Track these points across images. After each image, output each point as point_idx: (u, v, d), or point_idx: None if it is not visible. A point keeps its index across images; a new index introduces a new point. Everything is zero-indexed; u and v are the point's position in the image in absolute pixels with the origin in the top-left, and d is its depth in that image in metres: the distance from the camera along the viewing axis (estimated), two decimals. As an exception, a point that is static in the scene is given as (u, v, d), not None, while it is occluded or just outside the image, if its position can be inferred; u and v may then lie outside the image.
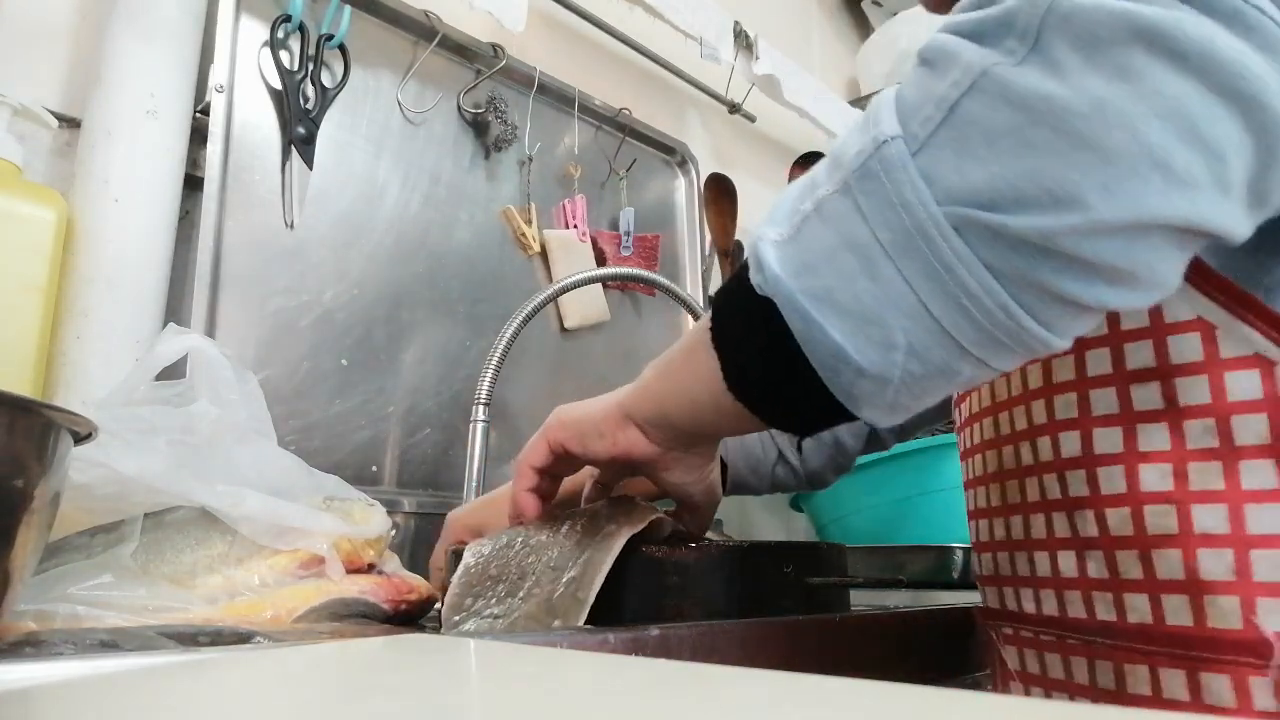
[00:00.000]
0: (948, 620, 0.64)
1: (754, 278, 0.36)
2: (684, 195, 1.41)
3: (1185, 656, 0.38)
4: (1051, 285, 0.30)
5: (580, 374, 1.18)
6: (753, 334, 0.38)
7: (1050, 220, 0.29)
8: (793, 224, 0.35)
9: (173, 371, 0.60)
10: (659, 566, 0.53)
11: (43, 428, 0.34)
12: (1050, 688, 0.46)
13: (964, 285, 0.31)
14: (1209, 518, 0.37)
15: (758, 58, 1.43)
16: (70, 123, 0.79)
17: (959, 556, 0.89)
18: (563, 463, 0.55)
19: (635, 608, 0.52)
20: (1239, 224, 0.30)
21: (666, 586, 0.53)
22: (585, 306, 1.19)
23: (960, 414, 0.56)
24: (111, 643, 0.38)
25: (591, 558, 0.50)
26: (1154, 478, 0.39)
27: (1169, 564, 0.39)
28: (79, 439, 0.37)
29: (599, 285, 1.20)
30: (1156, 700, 0.39)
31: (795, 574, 0.58)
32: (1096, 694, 0.42)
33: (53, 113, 0.75)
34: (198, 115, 0.84)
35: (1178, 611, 0.38)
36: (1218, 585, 0.37)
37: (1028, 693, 0.48)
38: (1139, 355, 0.40)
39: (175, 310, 0.81)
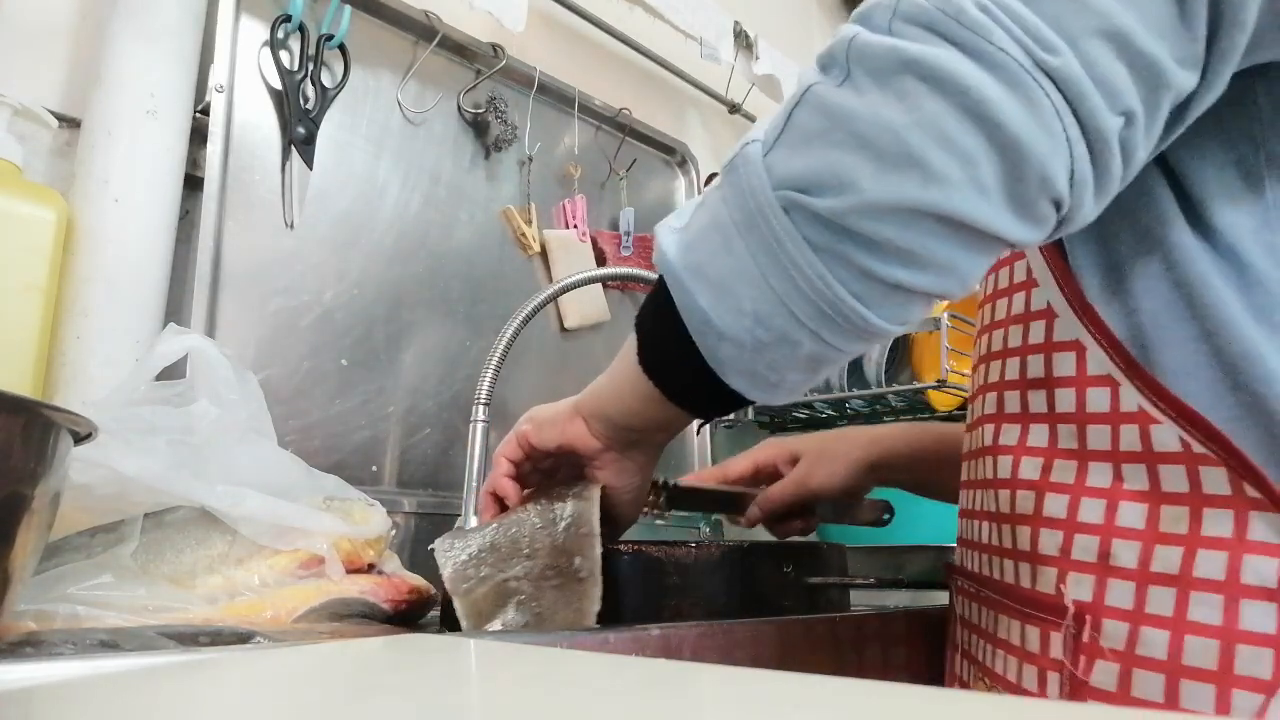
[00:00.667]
0: (947, 620, 0.64)
1: (655, 260, 0.43)
2: (684, 195, 1.41)
3: (1021, 611, 0.47)
4: (855, 260, 0.36)
5: (580, 374, 1.18)
6: (658, 312, 0.45)
7: (839, 201, 0.36)
8: (688, 214, 0.43)
9: (173, 371, 0.60)
10: (659, 566, 0.53)
11: (43, 428, 0.34)
12: (972, 630, 0.55)
13: (791, 258, 0.37)
14: (1055, 505, 0.45)
15: (758, 58, 1.43)
16: (70, 123, 0.79)
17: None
18: (531, 455, 0.61)
19: (635, 607, 0.52)
20: (1008, 224, 0.35)
21: (666, 586, 0.53)
22: (585, 306, 1.19)
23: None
24: (111, 643, 0.38)
25: (577, 504, 0.53)
26: (1029, 468, 0.47)
27: (1022, 538, 0.47)
28: (79, 439, 0.37)
29: (599, 285, 1.20)
30: (1006, 643, 0.49)
31: (795, 574, 0.58)
32: (986, 635, 0.52)
33: (53, 113, 0.75)
34: (198, 115, 0.84)
35: (1024, 576, 0.48)
36: (1047, 559, 0.45)
37: (961, 633, 0.57)
38: (1034, 366, 0.47)
39: (175, 310, 0.81)
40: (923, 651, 0.62)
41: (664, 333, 0.44)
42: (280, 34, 0.91)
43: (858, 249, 0.36)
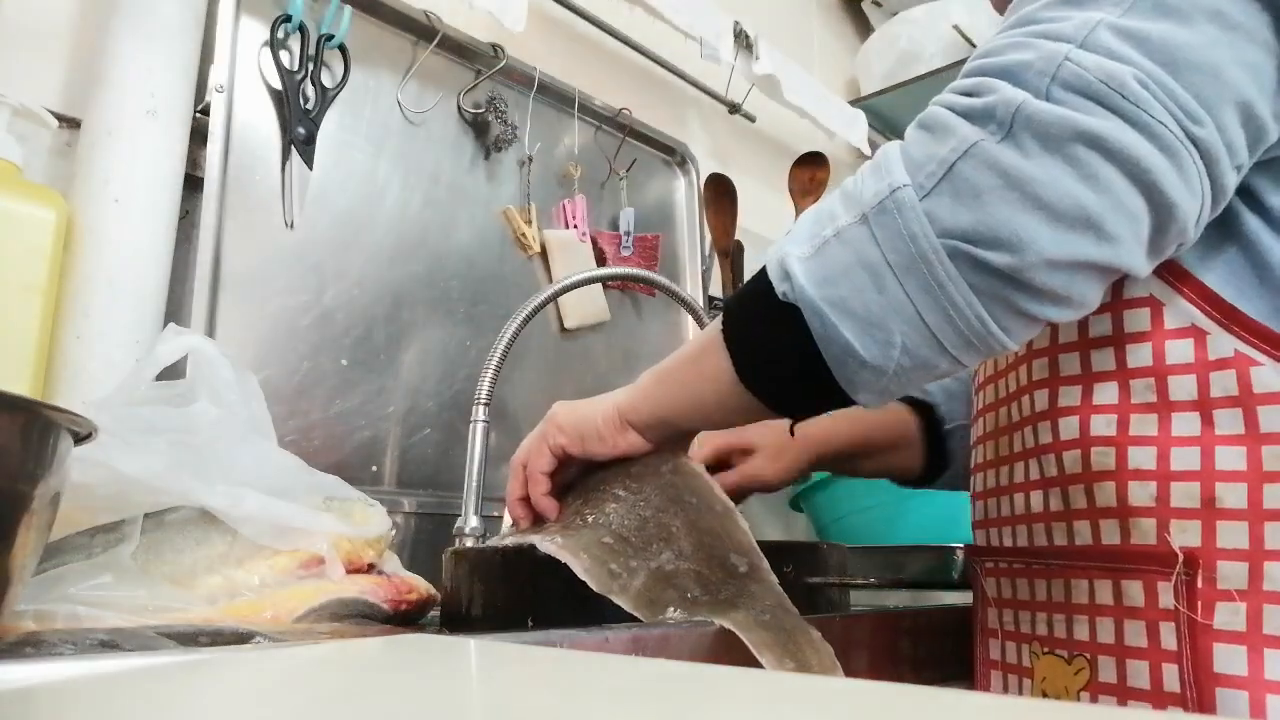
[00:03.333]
0: (948, 620, 0.64)
1: (780, 286, 0.44)
2: (684, 195, 1.41)
3: (1113, 569, 0.48)
4: (1014, 303, 0.41)
5: (580, 374, 1.18)
6: (771, 334, 0.46)
7: (1014, 258, 0.39)
8: (814, 245, 0.44)
9: (173, 372, 0.60)
10: (659, 566, 0.53)
11: (43, 428, 0.34)
12: (1017, 607, 0.56)
13: (951, 299, 0.41)
14: (1141, 456, 0.47)
15: (758, 58, 1.43)
16: (70, 123, 0.79)
17: (959, 556, 0.89)
18: (564, 466, 0.61)
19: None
20: (1144, 266, 0.42)
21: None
22: (585, 306, 1.19)
23: (977, 401, 0.63)
24: (111, 643, 0.38)
25: (688, 480, 0.57)
26: (1101, 425, 0.49)
27: (1106, 494, 0.48)
28: (79, 439, 0.37)
29: (599, 285, 1.20)
30: (1091, 608, 0.49)
31: (795, 574, 0.58)
32: (1050, 607, 0.53)
33: (53, 113, 0.75)
34: (198, 115, 0.84)
35: (1110, 532, 0.48)
36: (1141, 510, 0.47)
37: (1000, 616, 0.58)
38: (1099, 325, 0.50)
39: (175, 310, 0.81)
40: (923, 651, 0.62)
41: (777, 352, 0.46)
42: (280, 34, 0.91)
43: (1021, 295, 0.40)
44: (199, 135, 0.84)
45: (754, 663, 0.45)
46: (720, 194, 1.42)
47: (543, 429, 0.60)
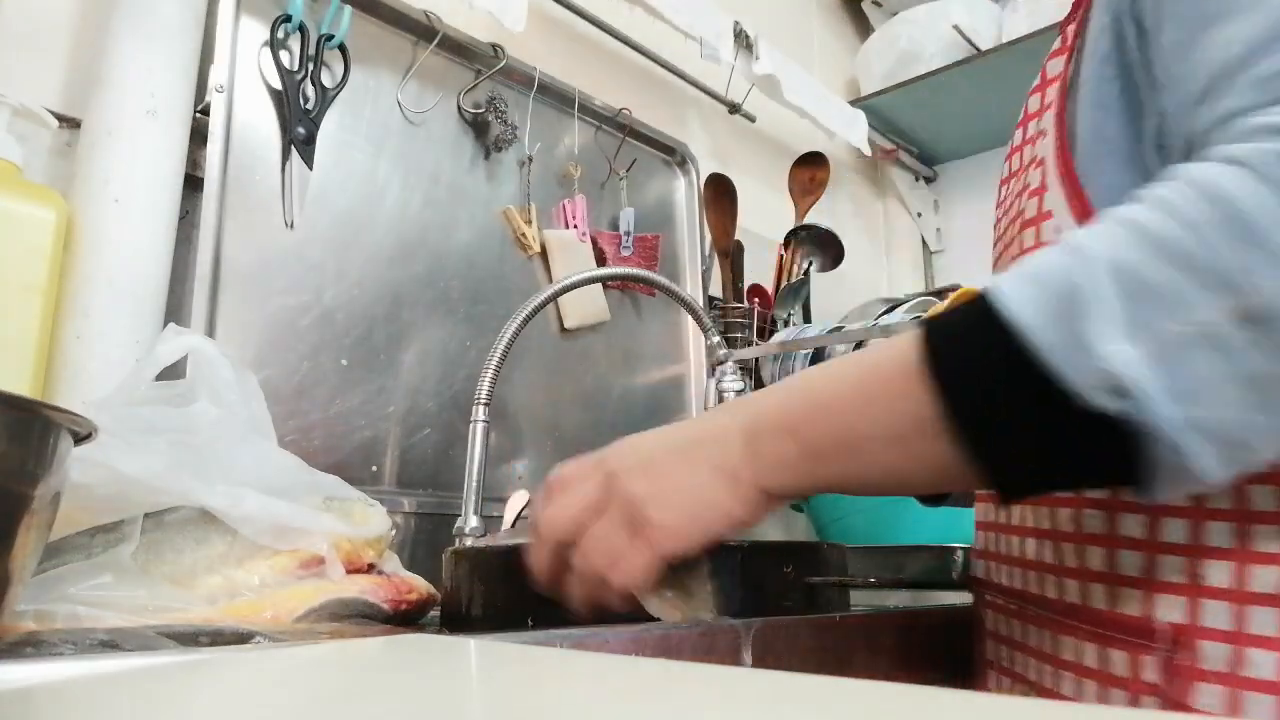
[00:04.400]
0: (948, 620, 0.64)
1: (1100, 399, 0.34)
2: (684, 195, 1.41)
3: (1098, 633, 0.45)
4: None
5: (580, 374, 1.18)
6: (1044, 437, 0.36)
7: None
8: (1160, 343, 0.33)
9: (173, 372, 0.60)
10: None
11: (43, 428, 0.34)
12: (1013, 647, 0.53)
13: None
14: (1132, 525, 0.44)
15: (758, 58, 1.43)
16: (70, 123, 0.79)
17: (959, 556, 0.89)
18: None
19: (635, 607, 0.52)
20: None
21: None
22: (585, 306, 1.19)
23: None
24: (111, 643, 0.38)
25: None
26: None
27: (1094, 558, 0.46)
28: (79, 439, 0.37)
29: (599, 285, 1.20)
30: (1077, 666, 0.46)
31: (795, 574, 0.58)
32: (1042, 656, 0.50)
33: (53, 113, 0.75)
34: (198, 115, 0.84)
35: (1098, 597, 0.45)
36: (1130, 580, 0.44)
37: (997, 650, 0.55)
38: None
39: (175, 310, 0.81)
40: (923, 651, 0.62)
41: (1050, 456, 0.37)
42: (280, 34, 0.91)
43: None
44: (199, 135, 0.84)
45: (754, 663, 0.45)
46: (720, 194, 1.42)
47: (618, 520, 0.44)
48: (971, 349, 0.37)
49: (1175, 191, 0.35)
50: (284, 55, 0.91)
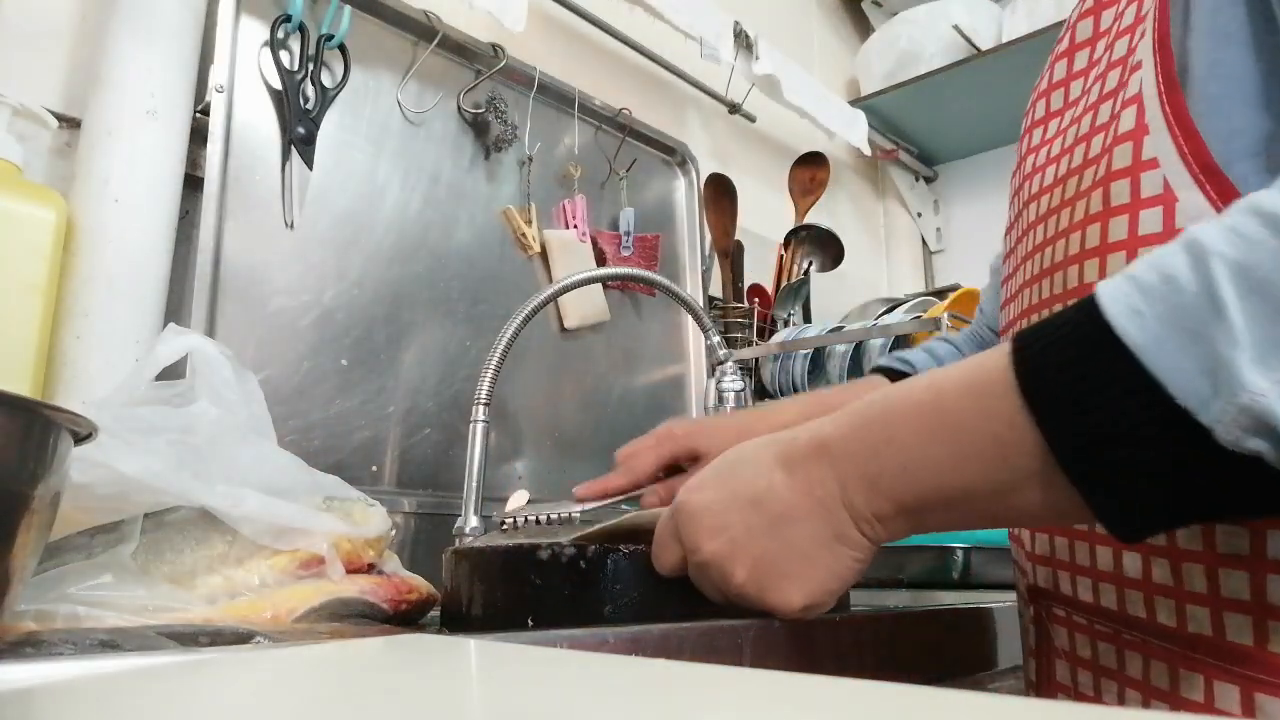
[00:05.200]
0: (948, 620, 0.64)
1: (1250, 443, 0.28)
2: (684, 195, 1.41)
3: (1242, 674, 0.37)
4: None
5: (580, 374, 1.18)
6: (1171, 480, 0.31)
7: None
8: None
9: (173, 371, 0.60)
10: (659, 566, 0.53)
11: (43, 428, 0.34)
12: (1100, 674, 0.45)
13: None
14: (1278, 544, 0.36)
15: (758, 58, 1.43)
16: (70, 123, 0.79)
17: (959, 556, 0.89)
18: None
19: (635, 607, 0.52)
20: None
21: (667, 586, 0.53)
22: (585, 306, 1.19)
23: None
24: (111, 643, 0.38)
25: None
26: None
27: (1235, 584, 0.37)
28: (79, 439, 0.37)
29: (599, 285, 1.20)
30: (1209, 708, 0.39)
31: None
32: (1149, 690, 0.42)
33: (53, 113, 0.75)
34: (198, 115, 0.84)
35: (1240, 630, 0.37)
36: (1274, 610, 0.36)
37: (1074, 673, 0.48)
38: None
39: (175, 310, 0.81)
40: (924, 652, 0.62)
41: (1174, 500, 0.32)
42: (280, 34, 0.91)
43: None
44: (199, 135, 0.84)
45: (755, 663, 0.45)
46: (720, 194, 1.42)
47: (717, 565, 0.43)
48: (1074, 377, 0.32)
49: None
50: (284, 55, 0.91)
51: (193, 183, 0.84)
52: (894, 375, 0.73)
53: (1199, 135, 0.38)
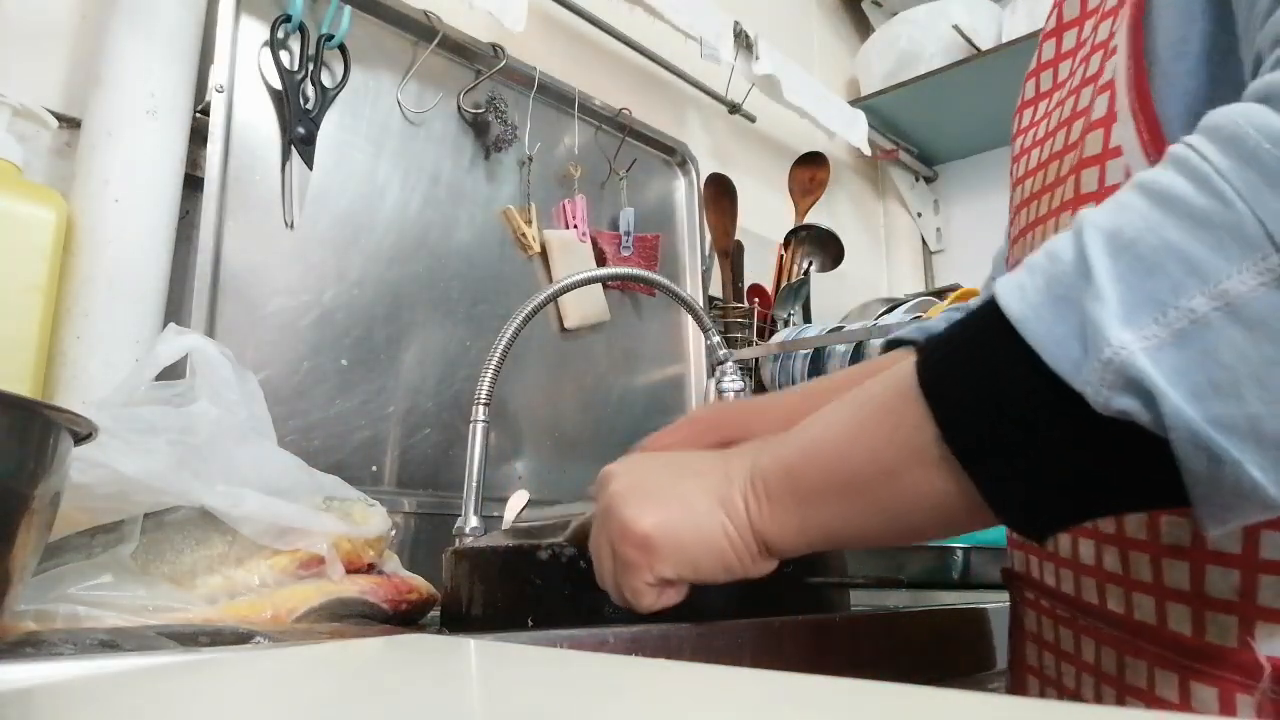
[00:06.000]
0: (948, 620, 0.64)
1: (1117, 401, 0.27)
2: (684, 195, 1.41)
3: (1179, 662, 0.38)
4: None
5: (580, 374, 1.18)
6: (1063, 454, 0.30)
7: None
8: (1172, 326, 0.27)
9: (173, 372, 0.60)
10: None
11: (43, 428, 0.34)
12: (1061, 658, 0.46)
13: None
14: (1223, 537, 0.35)
15: (758, 58, 1.43)
16: (70, 123, 0.79)
17: (959, 556, 0.89)
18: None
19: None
20: None
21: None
22: (585, 306, 1.19)
23: None
24: (111, 643, 0.38)
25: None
26: None
27: (1177, 574, 0.38)
28: (79, 439, 0.37)
29: (599, 285, 1.20)
30: (1149, 695, 0.39)
31: (795, 574, 0.58)
32: (1099, 675, 0.42)
33: (53, 113, 0.75)
34: (198, 115, 0.84)
35: (1180, 619, 0.38)
36: (1220, 603, 0.36)
37: (1040, 655, 0.48)
38: None
39: (175, 310, 0.81)
40: (923, 652, 0.62)
41: (1074, 480, 0.30)
42: (280, 34, 0.91)
43: None
44: (199, 135, 0.84)
45: (754, 663, 0.45)
46: (720, 194, 1.42)
47: (624, 550, 0.41)
48: (963, 354, 0.32)
49: (1192, 141, 0.29)
50: (284, 55, 0.91)
51: (193, 183, 0.83)
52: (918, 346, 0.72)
53: (1159, 122, 0.38)
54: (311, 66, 0.93)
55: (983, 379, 0.31)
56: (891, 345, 0.76)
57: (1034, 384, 0.29)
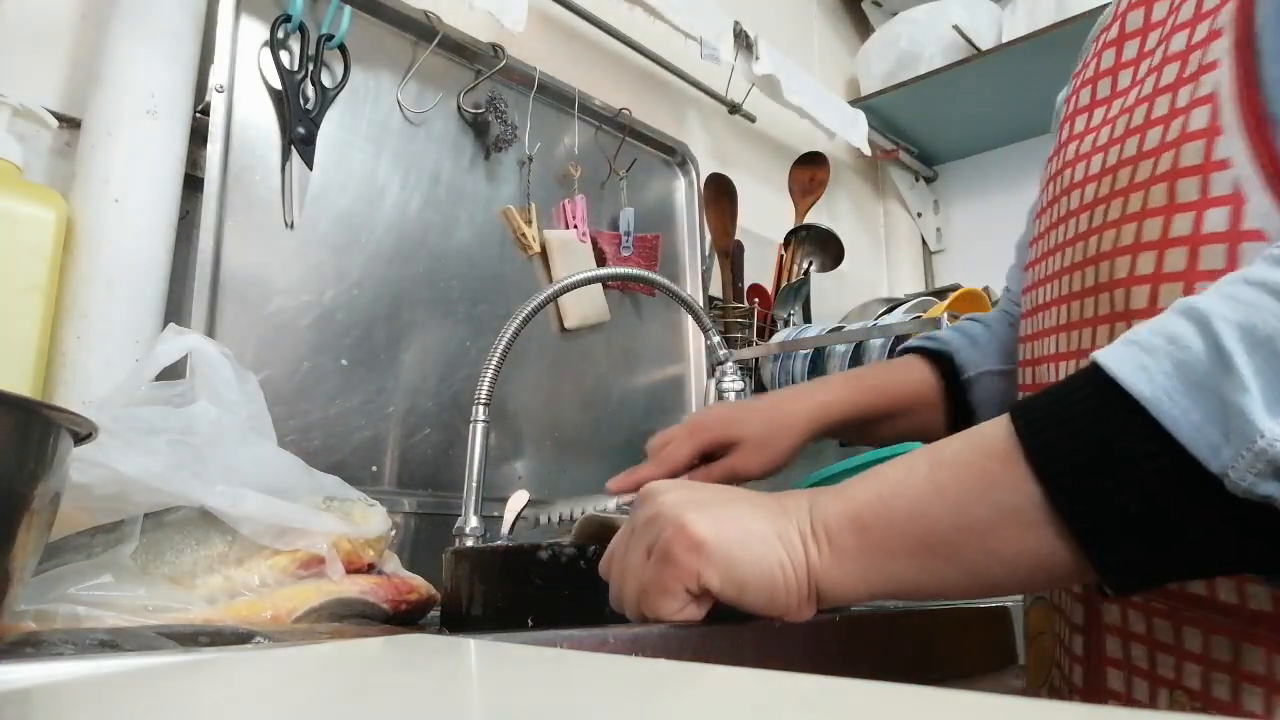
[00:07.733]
0: (948, 620, 0.64)
1: (1263, 488, 0.29)
2: (684, 195, 1.41)
3: None
4: None
5: (580, 374, 1.18)
6: (1191, 529, 0.31)
7: None
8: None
9: (173, 371, 0.60)
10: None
11: (43, 428, 0.34)
12: (1155, 648, 0.46)
13: None
14: None
15: (758, 58, 1.43)
16: (70, 123, 0.79)
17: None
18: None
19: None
20: None
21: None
22: (585, 306, 1.19)
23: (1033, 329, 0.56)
24: (111, 643, 0.38)
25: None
26: None
27: None
28: (79, 439, 0.37)
29: (599, 285, 1.20)
30: (1267, 680, 0.39)
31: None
32: (1208, 664, 0.42)
33: (53, 113, 0.75)
34: (198, 115, 0.84)
35: None
36: None
37: (1126, 648, 0.47)
38: None
39: (175, 310, 0.81)
40: (924, 652, 0.62)
41: (1193, 554, 0.32)
42: (280, 34, 0.91)
43: None
44: (199, 135, 0.84)
45: (756, 663, 0.45)
46: (720, 194, 1.42)
47: (675, 551, 0.40)
48: (1078, 425, 0.32)
49: None
50: (284, 55, 0.91)
51: (193, 183, 0.83)
52: (927, 355, 0.73)
53: (1273, 143, 0.39)
54: (311, 66, 0.93)
55: (1100, 450, 0.32)
56: (903, 352, 0.77)
57: (1161, 463, 0.30)
